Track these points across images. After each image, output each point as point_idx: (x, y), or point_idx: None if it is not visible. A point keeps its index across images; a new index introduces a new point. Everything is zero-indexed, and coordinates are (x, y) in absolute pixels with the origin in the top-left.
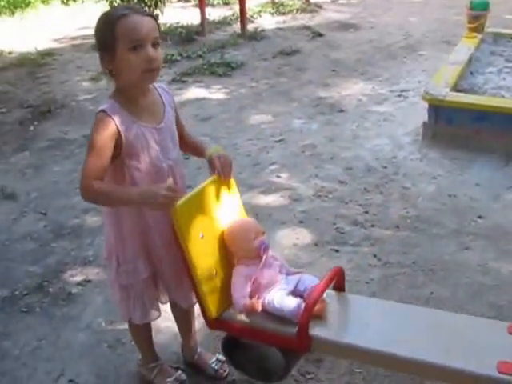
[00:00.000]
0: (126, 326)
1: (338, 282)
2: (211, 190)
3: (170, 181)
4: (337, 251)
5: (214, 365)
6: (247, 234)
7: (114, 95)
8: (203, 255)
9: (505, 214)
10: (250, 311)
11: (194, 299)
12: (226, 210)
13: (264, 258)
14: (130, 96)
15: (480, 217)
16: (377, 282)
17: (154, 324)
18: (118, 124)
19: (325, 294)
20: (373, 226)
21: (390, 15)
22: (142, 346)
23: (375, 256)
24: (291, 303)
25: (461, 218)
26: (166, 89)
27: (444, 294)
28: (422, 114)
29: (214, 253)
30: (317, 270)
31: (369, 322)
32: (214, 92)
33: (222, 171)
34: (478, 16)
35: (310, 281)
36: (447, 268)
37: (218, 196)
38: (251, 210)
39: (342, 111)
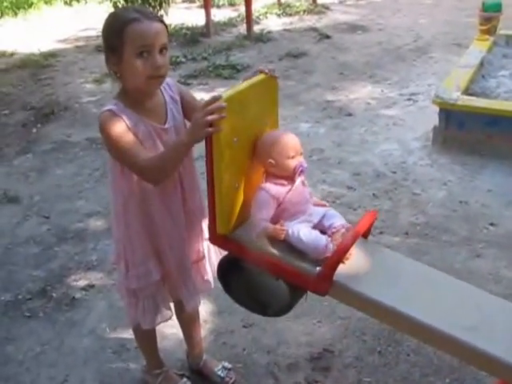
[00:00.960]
0: (130, 331)
1: (368, 229)
2: (256, 92)
3: (212, 96)
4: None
5: (219, 372)
6: (286, 150)
7: (119, 96)
8: (231, 164)
9: None
10: (269, 237)
11: (198, 302)
12: (266, 118)
13: (297, 181)
14: (136, 98)
15: (492, 224)
16: None
17: (159, 330)
18: (125, 120)
19: None
20: (381, 232)
21: (399, 17)
22: (147, 352)
23: None
24: (319, 240)
25: (472, 224)
26: (171, 83)
27: None
28: (432, 119)
29: (243, 162)
30: None
31: (395, 279)
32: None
33: (268, 70)
34: (490, 18)
35: (337, 218)
36: (458, 276)
37: (261, 100)
38: None
39: (350, 115)
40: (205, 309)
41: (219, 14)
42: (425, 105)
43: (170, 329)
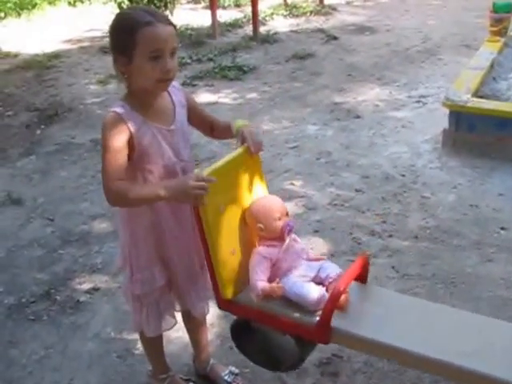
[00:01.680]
0: (135, 335)
1: (362, 273)
2: (238, 163)
3: (197, 170)
4: (353, 262)
5: (226, 377)
6: (272, 213)
7: (125, 97)
8: (222, 231)
9: None
10: (269, 296)
11: (207, 308)
12: (251, 186)
13: (287, 240)
14: (142, 99)
15: (503, 228)
16: None
17: (164, 334)
18: (130, 125)
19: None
20: (391, 236)
21: (408, 18)
22: (153, 357)
23: (393, 267)
24: (314, 292)
25: (483, 229)
26: (177, 86)
27: (465, 308)
28: (441, 121)
29: (234, 230)
30: None
31: (392, 318)
32: (225, 96)
33: (252, 143)
34: (500, 19)
35: (332, 269)
36: (469, 281)
37: (243, 170)
38: None
39: (358, 117)
40: (211, 312)
41: (225, 15)
42: (434, 107)
43: (175, 333)
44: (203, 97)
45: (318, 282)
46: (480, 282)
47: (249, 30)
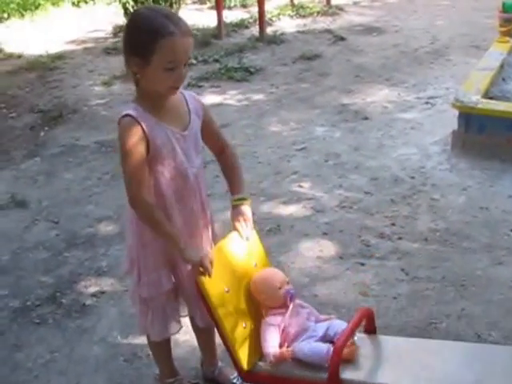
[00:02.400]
0: (142, 339)
1: (368, 324)
2: (232, 244)
3: (212, 252)
4: (362, 264)
5: (235, 380)
6: (272, 284)
7: (137, 99)
8: (231, 309)
9: None
10: (281, 360)
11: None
12: (250, 261)
13: (291, 306)
14: (154, 101)
15: None
16: (405, 297)
17: (172, 338)
18: (143, 126)
19: (355, 337)
20: (400, 238)
21: (416, 18)
22: (160, 360)
23: (403, 270)
24: (321, 348)
25: (493, 231)
26: (196, 96)
27: (476, 311)
28: (450, 122)
29: (242, 305)
30: (342, 284)
31: (400, 363)
32: (231, 98)
33: (242, 231)
34: (510, 19)
35: (339, 326)
36: (479, 284)
37: (239, 249)
38: (272, 221)
39: (366, 119)
40: None
41: (231, 16)
42: (443, 108)
43: (183, 336)
44: (209, 98)
45: (328, 340)
46: (491, 285)
47: (255, 30)
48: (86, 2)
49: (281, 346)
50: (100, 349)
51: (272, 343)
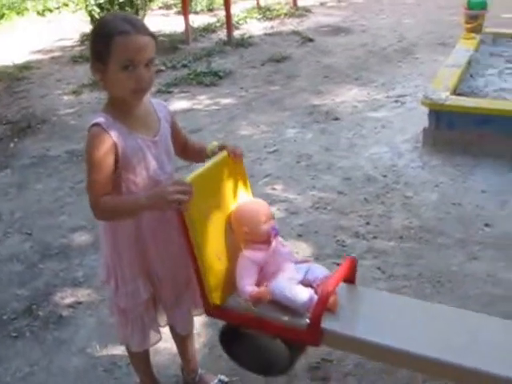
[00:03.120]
0: (121, 348)
1: (350, 274)
2: (221, 168)
3: (177, 176)
4: (338, 264)
5: None
6: (257, 217)
7: (106, 108)
8: (208, 236)
9: None
10: (258, 300)
11: (192, 324)
12: (235, 190)
13: (273, 243)
14: (123, 109)
15: (487, 225)
16: None
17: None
18: (114, 137)
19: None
20: (375, 237)
21: (382, 17)
22: (140, 369)
23: (379, 269)
24: (303, 294)
25: (467, 226)
26: (163, 103)
27: (453, 306)
28: (421, 120)
29: (220, 235)
30: None
31: (382, 317)
32: (201, 102)
33: (232, 148)
34: (475, 16)
35: (320, 271)
36: (455, 279)
37: (227, 175)
38: None
39: (337, 119)
40: (198, 321)
41: (198, 20)
42: (413, 106)
43: (163, 343)
44: (179, 104)
45: (307, 284)
46: (466, 280)
47: (223, 34)
48: (51, 11)
49: (258, 284)
50: (79, 360)
51: (249, 280)
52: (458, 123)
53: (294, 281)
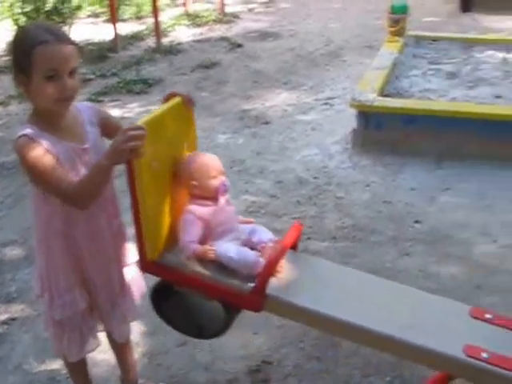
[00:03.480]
0: (58, 362)
1: (295, 240)
2: (173, 116)
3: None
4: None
5: None
6: (208, 171)
7: (32, 119)
8: (153, 187)
9: (441, 217)
10: (200, 259)
11: (128, 331)
12: (184, 141)
13: (222, 201)
14: (48, 119)
15: (417, 221)
16: None
17: (90, 357)
18: (44, 145)
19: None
20: (309, 238)
21: (310, 22)
22: (79, 381)
23: None
24: (249, 257)
25: (398, 224)
26: (88, 104)
27: None
28: (349, 122)
29: (166, 186)
30: None
31: (326, 287)
32: (131, 111)
33: (187, 96)
34: (398, 20)
35: (264, 233)
36: (389, 275)
37: (178, 124)
38: None
39: (267, 123)
40: (136, 330)
41: (126, 28)
42: (341, 108)
43: (101, 355)
44: (110, 112)
45: (250, 245)
46: (399, 276)
47: (151, 41)
48: None
49: (202, 242)
50: (16, 377)
51: (193, 237)
52: (386, 123)
53: (238, 241)
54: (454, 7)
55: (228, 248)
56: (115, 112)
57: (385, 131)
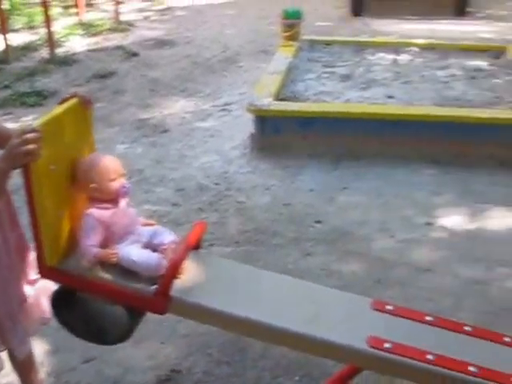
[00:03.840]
0: None
1: (198, 241)
2: (70, 117)
3: (24, 125)
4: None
5: None
6: (107, 173)
7: None
8: (51, 191)
9: (340, 216)
10: (103, 262)
11: (29, 346)
12: (82, 142)
13: (122, 203)
14: None
15: (317, 222)
16: None
17: None
18: None
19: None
20: (212, 245)
21: (206, 29)
22: None
23: None
24: (151, 259)
25: (299, 225)
26: None
27: None
28: (248, 126)
29: (64, 189)
30: None
31: (230, 286)
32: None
33: (85, 96)
34: (292, 25)
35: (166, 235)
36: (292, 276)
37: (75, 125)
38: None
39: (166, 131)
40: (39, 350)
41: (18, 39)
42: (239, 114)
43: (4, 378)
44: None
45: (152, 248)
46: (302, 276)
47: (45, 52)
48: None
49: (103, 246)
50: None
51: (93, 240)
52: (283, 127)
53: (139, 244)
54: (345, 12)
55: (130, 251)
56: (8, 126)
57: (282, 135)
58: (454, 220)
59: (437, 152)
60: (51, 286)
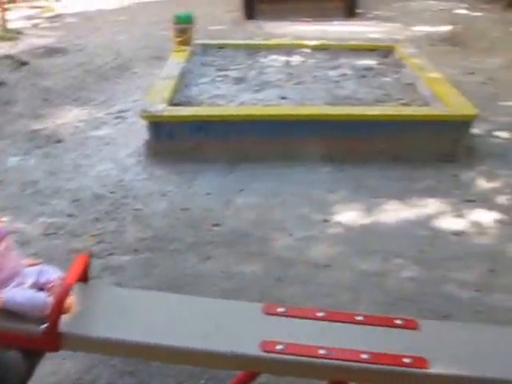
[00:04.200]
0: None
1: (83, 272)
2: None
3: None
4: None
5: None
6: None
7: None
8: None
9: (238, 218)
10: None
11: None
12: None
13: (2, 247)
14: None
15: (216, 225)
16: None
17: None
18: None
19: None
20: (110, 254)
21: (98, 36)
22: None
23: (119, 285)
24: (36, 299)
25: (197, 229)
26: None
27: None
28: (142, 133)
29: None
30: None
31: (123, 313)
32: None
33: None
34: (184, 29)
35: (51, 272)
36: (192, 281)
37: None
38: None
39: (59, 141)
40: None
41: None
42: (133, 121)
43: None
44: None
45: (39, 287)
46: (203, 281)
47: None
48: None
49: None
50: None
51: None
52: (177, 132)
53: (25, 285)
54: (238, 15)
55: (14, 294)
56: None
57: (176, 140)
58: (349, 215)
59: (331, 150)
60: None
